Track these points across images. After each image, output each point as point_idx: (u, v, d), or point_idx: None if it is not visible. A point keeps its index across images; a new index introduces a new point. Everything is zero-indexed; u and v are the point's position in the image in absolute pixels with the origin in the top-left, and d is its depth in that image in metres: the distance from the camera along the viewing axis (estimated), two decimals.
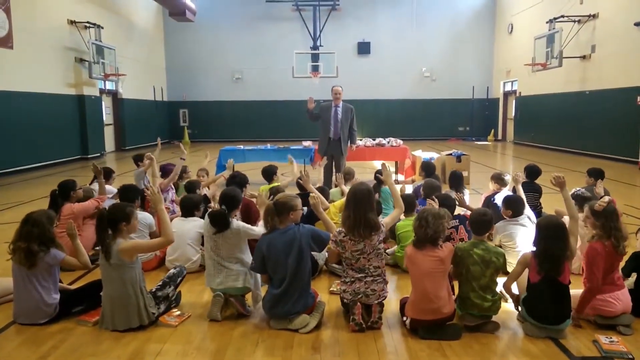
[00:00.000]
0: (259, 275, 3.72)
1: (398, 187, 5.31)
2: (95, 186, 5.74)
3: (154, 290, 3.58)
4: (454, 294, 3.41)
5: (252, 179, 5.95)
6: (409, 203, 4.73)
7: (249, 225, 3.79)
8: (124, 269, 3.31)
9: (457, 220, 4.51)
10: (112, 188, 6.00)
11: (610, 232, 3.36)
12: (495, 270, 3.34)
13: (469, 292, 3.32)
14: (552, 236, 3.21)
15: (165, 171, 6.52)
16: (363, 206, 3.39)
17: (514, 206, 4.59)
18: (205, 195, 5.67)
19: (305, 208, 4.22)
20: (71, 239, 3.72)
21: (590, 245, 3.41)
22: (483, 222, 3.51)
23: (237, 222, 3.73)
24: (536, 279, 3.25)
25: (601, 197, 3.91)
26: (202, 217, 4.79)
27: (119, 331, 3.33)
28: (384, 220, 3.74)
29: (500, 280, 3.50)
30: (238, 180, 5.28)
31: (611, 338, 3.11)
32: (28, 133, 12.23)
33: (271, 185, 5.76)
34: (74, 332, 3.37)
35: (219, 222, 3.61)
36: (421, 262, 3.24)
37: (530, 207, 5.11)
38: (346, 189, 5.45)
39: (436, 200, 4.47)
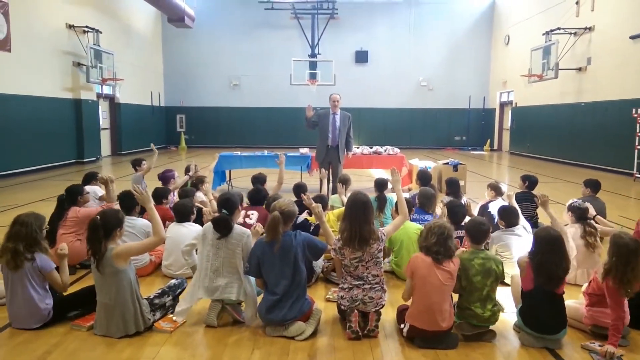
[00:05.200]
0: (254, 291, 3.64)
1: (393, 195, 5.30)
2: (91, 188, 5.71)
3: (151, 297, 3.55)
4: (453, 307, 3.39)
5: (248, 185, 5.94)
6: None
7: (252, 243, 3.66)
8: (118, 275, 3.26)
9: (464, 231, 4.45)
10: (98, 189, 5.85)
11: (624, 275, 3.07)
12: (496, 279, 3.33)
13: (471, 303, 3.30)
14: (548, 250, 3.19)
15: (164, 178, 6.49)
16: (358, 220, 3.39)
17: (506, 217, 4.61)
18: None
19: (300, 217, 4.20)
20: (59, 258, 3.58)
21: (612, 287, 3.12)
22: (480, 231, 3.51)
23: (245, 230, 3.66)
24: (529, 287, 3.25)
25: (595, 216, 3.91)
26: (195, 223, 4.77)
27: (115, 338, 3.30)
28: (386, 228, 3.72)
29: (500, 290, 3.47)
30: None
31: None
32: (24, 136, 12.19)
33: None
34: (68, 337, 3.34)
35: (223, 227, 3.55)
36: (434, 276, 3.20)
37: (526, 217, 5.13)
38: (345, 198, 5.43)
39: (446, 207, 4.44)
